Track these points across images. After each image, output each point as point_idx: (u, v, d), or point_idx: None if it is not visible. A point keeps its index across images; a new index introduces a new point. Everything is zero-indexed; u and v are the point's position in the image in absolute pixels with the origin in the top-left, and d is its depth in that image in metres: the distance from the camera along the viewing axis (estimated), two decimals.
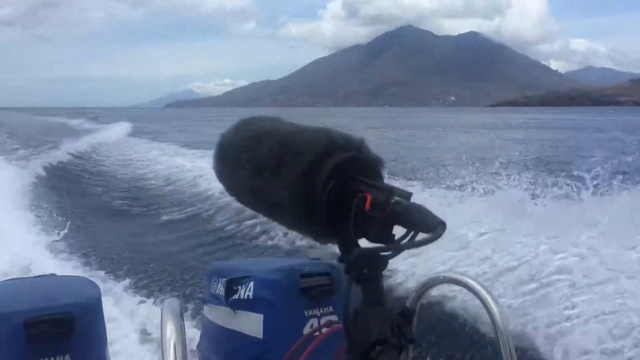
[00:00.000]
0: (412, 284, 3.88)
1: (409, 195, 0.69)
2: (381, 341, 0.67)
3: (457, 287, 1.60)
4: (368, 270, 0.71)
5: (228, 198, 0.96)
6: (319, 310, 1.41)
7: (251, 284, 1.40)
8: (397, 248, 0.69)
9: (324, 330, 1.36)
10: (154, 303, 5.11)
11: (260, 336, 1.38)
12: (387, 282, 4.41)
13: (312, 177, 0.71)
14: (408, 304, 1.38)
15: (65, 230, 7.89)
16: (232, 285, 1.44)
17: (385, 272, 1.10)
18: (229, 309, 1.43)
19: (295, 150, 0.72)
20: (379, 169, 0.74)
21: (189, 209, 10.27)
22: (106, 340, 1.31)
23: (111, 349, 1.35)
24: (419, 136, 34.33)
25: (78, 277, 1.48)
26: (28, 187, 11.11)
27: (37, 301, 1.21)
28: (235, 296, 1.43)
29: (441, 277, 1.38)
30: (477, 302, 1.24)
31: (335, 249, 0.77)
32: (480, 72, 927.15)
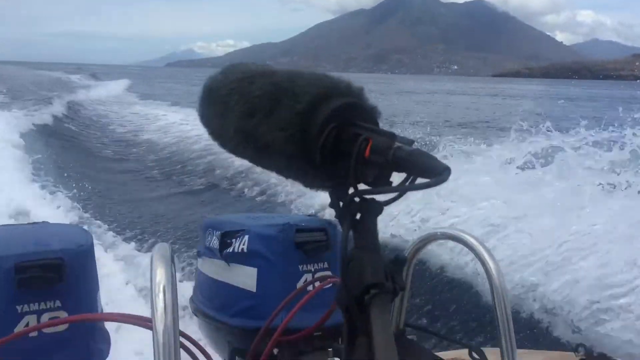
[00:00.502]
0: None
1: (411, 142, 0.67)
2: (375, 285, 0.67)
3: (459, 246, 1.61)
4: (362, 216, 0.70)
5: (225, 154, 1.05)
6: (314, 266, 1.44)
7: (246, 237, 1.42)
8: (397, 189, 0.68)
9: (317, 284, 1.38)
10: (147, 252, 5.07)
11: (254, 289, 1.40)
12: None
13: (310, 118, 0.69)
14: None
15: (60, 182, 7.84)
16: (226, 239, 1.45)
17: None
18: (223, 262, 1.45)
19: (294, 91, 0.71)
20: (376, 118, 0.73)
21: (184, 164, 10.25)
22: (98, 287, 1.32)
23: (104, 297, 1.36)
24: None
25: (70, 224, 1.57)
26: (25, 138, 10.88)
27: (28, 246, 1.23)
28: (230, 249, 1.44)
29: (439, 233, 1.36)
30: (475, 261, 1.23)
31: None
32: (485, 41, 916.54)
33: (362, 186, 0.70)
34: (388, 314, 0.68)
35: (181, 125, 14.08)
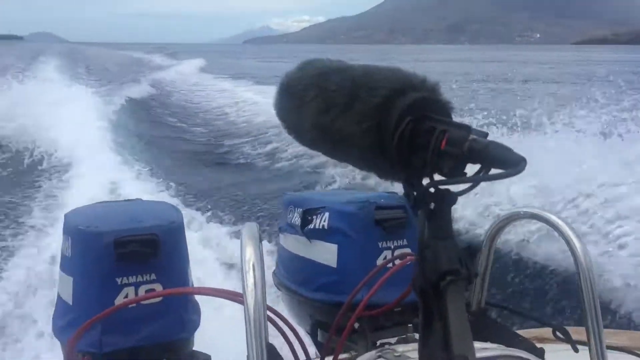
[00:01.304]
0: None
1: (485, 134, 0.68)
2: (451, 271, 0.69)
3: (538, 225, 1.63)
4: (437, 205, 0.72)
5: None
6: (393, 243, 1.51)
7: (326, 214, 1.51)
8: (472, 180, 0.69)
9: (397, 262, 1.45)
10: (231, 230, 5.29)
11: (334, 265, 1.47)
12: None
13: (386, 111, 0.71)
14: (485, 238, 1.39)
15: (147, 160, 8.39)
16: (307, 215, 1.54)
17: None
18: (304, 238, 1.53)
19: (370, 86, 0.72)
20: (450, 112, 0.74)
21: (265, 142, 10.45)
22: (188, 261, 1.43)
23: (193, 272, 1.45)
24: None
25: (162, 202, 1.65)
26: (115, 119, 11.39)
27: (125, 222, 1.33)
28: (311, 226, 1.53)
29: (521, 212, 1.35)
30: (561, 242, 1.19)
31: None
32: (571, 8, 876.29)
33: (437, 177, 0.72)
34: (463, 300, 0.70)
35: (266, 104, 13.00)
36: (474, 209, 5.02)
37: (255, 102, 14.90)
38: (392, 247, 1.52)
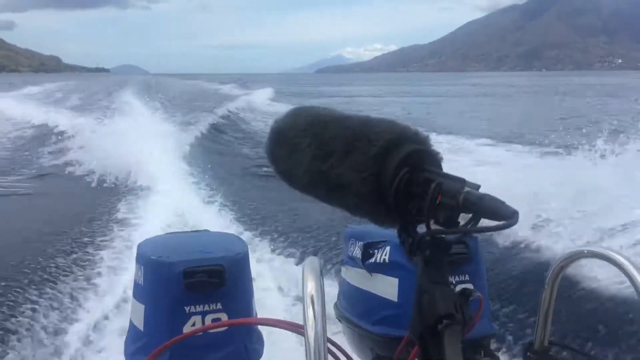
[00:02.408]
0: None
1: (477, 186, 0.71)
2: (447, 315, 0.71)
3: (600, 263, 1.52)
4: (432, 252, 0.75)
5: None
6: (455, 278, 1.50)
7: (387, 248, 1.50)
8: (467, 231, 0.72)
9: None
10: (295, 262, 5.28)
11: (395, 299, 1.46)
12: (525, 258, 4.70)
13: (384, 161, 0.74)
14: (548, 276, 1.38)
15: (216, 191, 8.39)
16: (368, 249, 1.55)
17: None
18: (365, 271, 1.55)
19: (368, 137, 0.75)
20: (440, 162, 0.77)
21: None
22: (253, 292, 1.49)
23: (257, 302, 1.49)
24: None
25: (228, 233, 1.73)
26: (186, 148, 11.83)
27: (193, 253, 1.40)
28: (372, 259, 1.53)
29: (585, 251, 1.34)
30: (624, 281, 1.16)
31: None
32: None
33: (432, 226, 0.75)
34: (459, 342, 0.73)
35: None
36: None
37: None
38: (454, 282, 1.51)
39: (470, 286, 1.42)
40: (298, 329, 1.18)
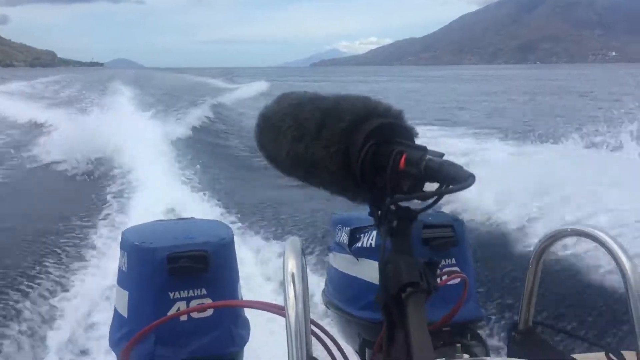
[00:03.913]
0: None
1: (441, 154, 0.73)
2: (411, 284, 0.72)
3: (584, 241, 1.53)
4: (398, 223, 0.75)
5: None
6: (442, 261, 1.52)
7: (374, 232, 1.51)
8: (427, 194, 0.73)
9: (448, 279, 1.47)
10: (281, 247, 5.21)
11: None
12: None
13: (352, 136, 0.75)
14: (532, 256, 1.39)
15: (204, 180, 8.74)
16: (355, 234, 1.56)
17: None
18: (352, 256, 1.56)
19: (338, 114, 0.77)
20: (413, 137, 0.78)
21: None
22: (238, 277, 1.48)
23: (243, 286, 1.49)
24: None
25: (214, 220, 1.72)
26: (174, 140, 11.95)
27: (178, 239, 1.40)
28: (358, 244, 1.54)
29: (568, 230, 1.34)
30: (608, 258, 1.16)
31: None
32: None
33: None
34: (423, 310, 0.73)
35: None
36: None
37: None
38: (441, 265, 1.52)
39: (456, 269, 1.51)
40: (279, 310, 1.15)
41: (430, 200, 0.78)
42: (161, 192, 7.57)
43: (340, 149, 0.78)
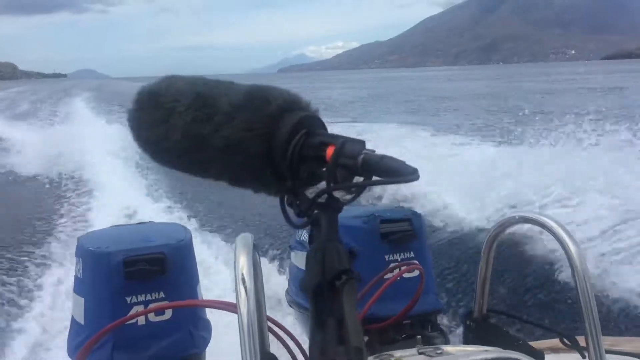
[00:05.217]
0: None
1: (374, 151, 0.72)
2: (345, 271, 0.72)
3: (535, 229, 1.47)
4: (327, 212, 0.75)
5: None
6: (400, 255, 1.52)
7: None
8: (359, 185, 0.73)
9: (402, 271, 1.48)
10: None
11: None
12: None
13: (280, 121, 0.73)
14: (484, 245, 1.38)
15: (165, 185, 8.59)
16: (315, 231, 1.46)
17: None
18: None
19: (266, 96, 0.74)
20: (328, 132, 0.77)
21: None
22: (198, 279, 1.45)
23: (204, 288, 1.47)
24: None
25: (172, 223, 1.68)
26: (132, 146, 19.41)
27: (134, 242, 1.38)
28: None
29: (516, 217, 1.35)
30: (556, 243, 1.17)
31: None
32: (606, 23, 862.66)
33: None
34: (356, 297, 0.73)
35: None
36: None
37: None
38: (399, 259, 1.53)
39: (415, 262, 1.52)
40: (230, 307, 1.12)
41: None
42: (122, 198, 7.57)
43: (265, 132, 0.74)
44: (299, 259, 1.67)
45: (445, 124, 15.50)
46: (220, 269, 4.80)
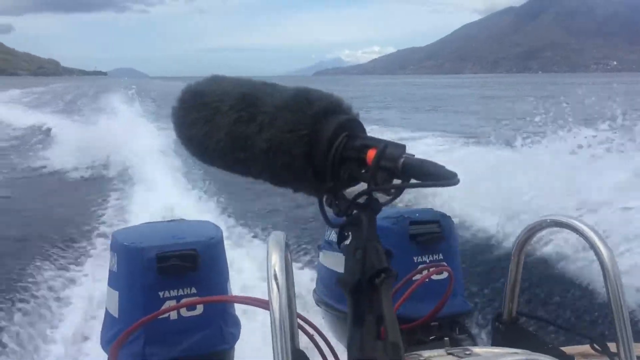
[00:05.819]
0: None
1: (413, 155, 0.73)
2: (384, 270, 0.73)
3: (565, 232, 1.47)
4: (366, 212, 0.76)
5: None
6: (428, 257, 1.54)
7: None
8: (400, 187, 0.72)
9: (431, 273, 1.50)
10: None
11: None
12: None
13: (323, 123, 0.74)
14: (513, 247, 1.38)
15: (199, 183, 8.89)
16: (344, 232, 1.40)
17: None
18: (340, 254, 1.40)
19: (309, 98, 0.75)
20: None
21: None
22: (228, 275, 1.49)
23: (234, 285, 1.50)
24: None
25: (204, 220, 1.69)
26: (173, 146, 11.29)
27: (167, 239, 1.41)
28: (347, 242, 1.37)
29: (548, 220, 1.32)
30: (589, 250, 1.16)
31: None
32: None
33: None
34: (391, 295, 0.74)
35: None
36: None
37: None
38: (428, 261, 1.56)
39: (443, 264, 1.53)
40: (264, 304, 1.12)
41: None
42: (161, 195, 7.75)
43: (308, 134, 0.75)
44: (327, 258, 1.69)
45: (476, 129, 15.68)
46: (245, 266, 4.83)
